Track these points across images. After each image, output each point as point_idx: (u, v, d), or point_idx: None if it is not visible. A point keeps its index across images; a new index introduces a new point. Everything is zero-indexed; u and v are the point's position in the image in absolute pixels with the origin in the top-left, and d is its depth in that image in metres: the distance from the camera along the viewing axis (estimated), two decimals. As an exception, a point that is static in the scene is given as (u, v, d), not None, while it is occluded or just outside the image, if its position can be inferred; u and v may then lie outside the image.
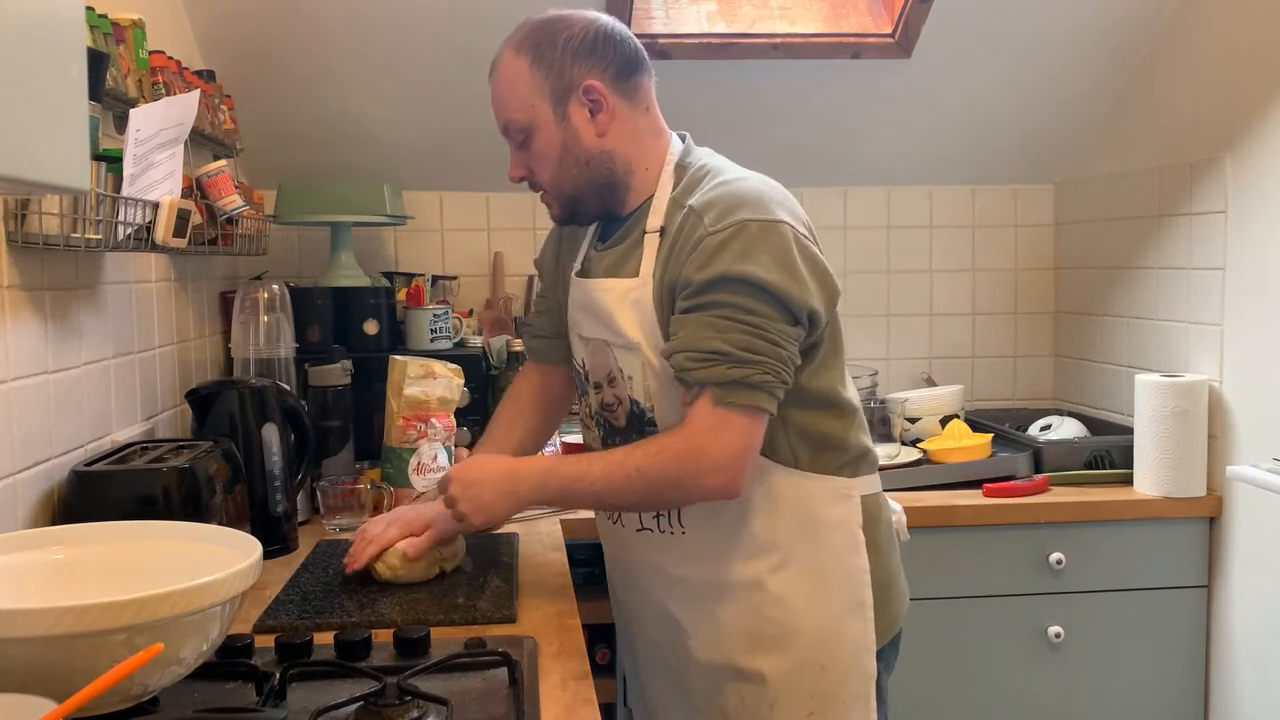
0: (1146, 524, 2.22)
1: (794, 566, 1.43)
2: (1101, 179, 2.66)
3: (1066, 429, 2.49)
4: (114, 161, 1.40)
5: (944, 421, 2.53)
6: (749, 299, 1.30)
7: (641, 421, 1.45)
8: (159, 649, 0.91)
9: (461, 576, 1.56)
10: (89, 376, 1.57)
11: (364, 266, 2.50)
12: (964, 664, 2.23)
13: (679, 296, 1.35)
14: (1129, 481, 2.29)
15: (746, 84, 2.48)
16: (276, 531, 1.72)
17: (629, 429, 1.47)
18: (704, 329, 1.31)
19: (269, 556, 1.51)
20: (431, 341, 2.37)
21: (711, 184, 1.39)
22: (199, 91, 1.68)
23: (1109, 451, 2.35)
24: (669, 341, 1.36)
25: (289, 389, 1.86)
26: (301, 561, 1.65)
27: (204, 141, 1.98)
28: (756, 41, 2.40)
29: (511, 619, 1.39)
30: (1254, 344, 2.14)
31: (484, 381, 2.33)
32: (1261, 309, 2.12)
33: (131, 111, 1.44)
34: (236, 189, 1.83)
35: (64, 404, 1.48)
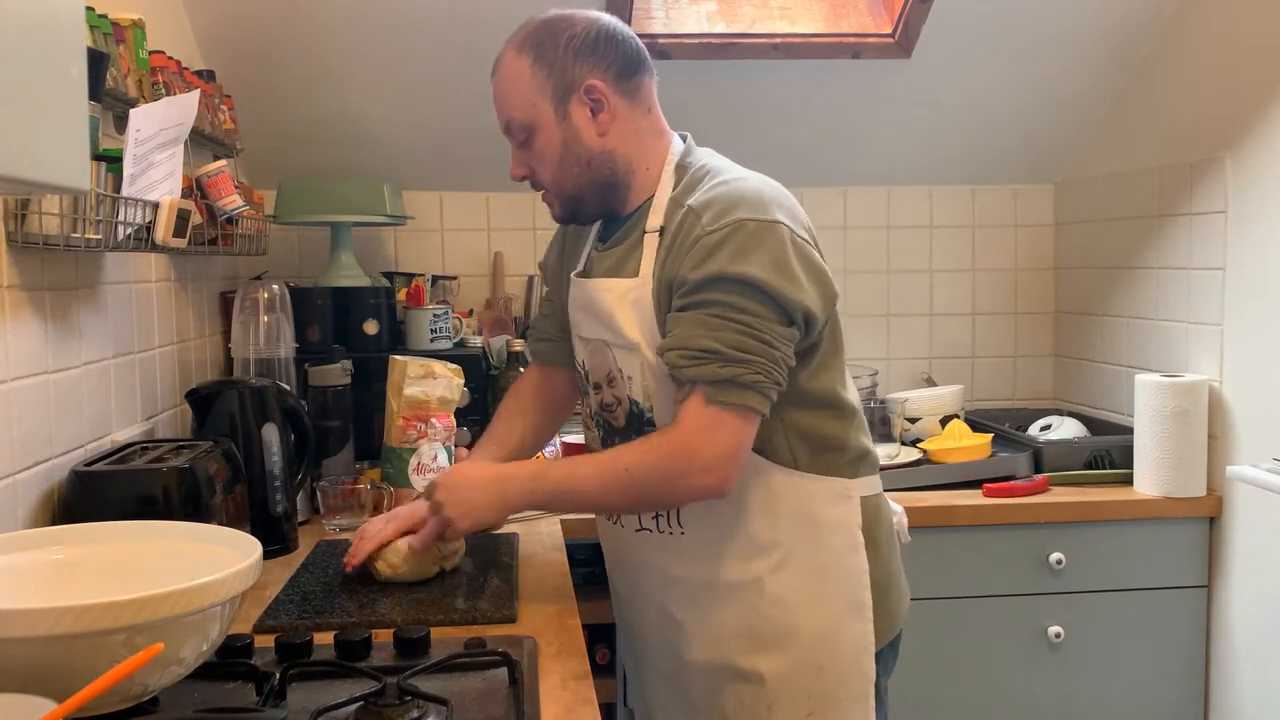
0: (1146, 524, 2.22)
1: (793, 567, 1.42)
2: (1101, 179, 2.66)
3: (1066, 429, 2.49)
4: (114, 161, 1.40)
5: (944, 421, 2.53)
6: (743, 298, 1.30)
7: (640, 421, 1.45)
8: (159, 649, 0.91)
9: (461, 577, 1.56)
10: (89, 376, 1.57)
11: (364, 266, 2.50)
12: (964, 664, 2.23)
13: (675, 295, 1.35)
14: (1129, 481, 2.29)
15: (746, 84, 2.47)
16: (276, 531, 1.72)
17: (628, 429, 1.47)
18: (697, 327, 1.31)
19: (269, 556, 1.51)
20: (431, 341, 2.36)
21: (711, 183, 1.39)
22: (199, 91, 1.68)
23: (1109, 451, 2.35)
24: (664, 339, 1.36)
25: (289, 389, 1.86)
26: (301, 561, 1.65)
27: (204, 141, 1.98)
28: (756, 41, 2.40)
29: (511, 619, 1.39)
30: (1254, 344, 2.14)
31: (484, 381, 2.33)
32: (1261, 309, 2.12)
33: (131, 111, 1.43)
34: (236, 189, 1.83)
35: (64, 404, 1.48)
